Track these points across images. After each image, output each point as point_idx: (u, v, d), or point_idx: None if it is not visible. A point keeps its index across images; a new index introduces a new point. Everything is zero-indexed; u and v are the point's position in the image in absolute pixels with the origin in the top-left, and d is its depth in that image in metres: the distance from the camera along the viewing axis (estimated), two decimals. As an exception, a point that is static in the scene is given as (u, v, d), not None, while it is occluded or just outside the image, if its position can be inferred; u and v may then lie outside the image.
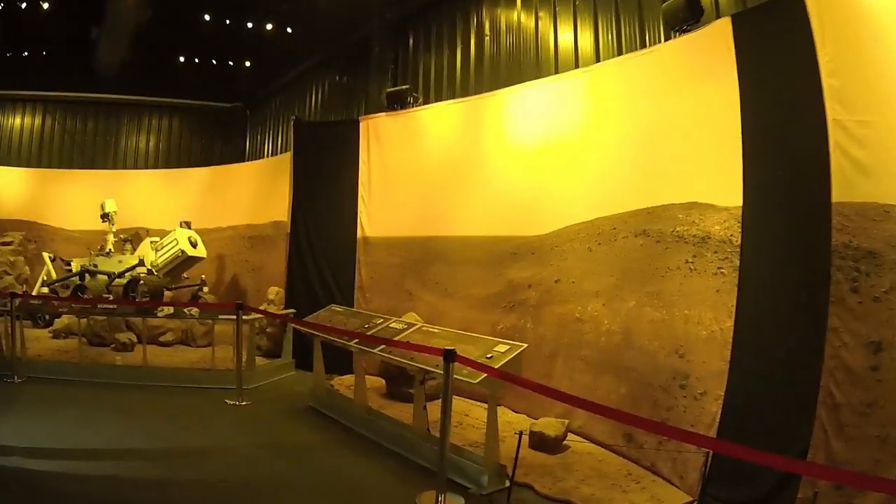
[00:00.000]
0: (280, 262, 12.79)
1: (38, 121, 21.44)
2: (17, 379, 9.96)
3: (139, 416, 8.41)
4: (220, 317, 10.95)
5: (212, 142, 22.97)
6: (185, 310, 11.35)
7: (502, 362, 6.16)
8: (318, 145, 11.70)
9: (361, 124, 11.24)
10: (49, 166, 20.11)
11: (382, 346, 7.69)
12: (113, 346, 11.88)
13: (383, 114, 11.32)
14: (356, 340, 8.00)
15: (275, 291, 11.94)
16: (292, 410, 8.94)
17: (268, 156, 20.09)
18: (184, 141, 22.84)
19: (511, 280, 8.84)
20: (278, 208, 13.24)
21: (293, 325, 10.20)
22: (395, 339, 7.55)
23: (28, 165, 19.79)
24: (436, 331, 7.58)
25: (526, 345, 6.54)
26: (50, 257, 15.28)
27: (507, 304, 8.89)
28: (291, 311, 11.02)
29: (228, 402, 9.10)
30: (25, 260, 16.65)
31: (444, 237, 9.92)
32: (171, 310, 11.43)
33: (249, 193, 15.22)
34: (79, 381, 9.94)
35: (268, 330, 12.05)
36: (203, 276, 13.88)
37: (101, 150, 21.83)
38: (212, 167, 17.67)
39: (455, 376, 5.78)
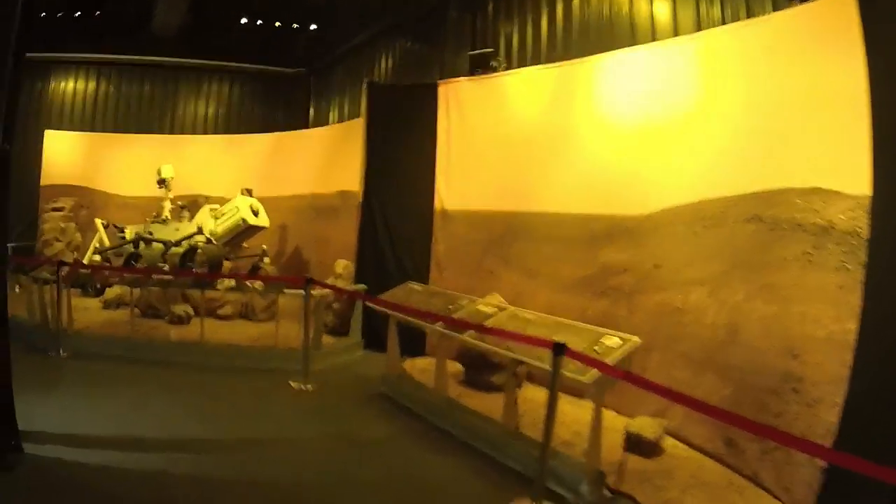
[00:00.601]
0: (347, 234, 12.23)
1: (91, 84, 21.09)
2: (62, 353, 9.51)
3: (193, 399, 7.88)
4: (286, 291, 10.18)
5: (274, 108, 22.28)
6: (248, 283, 10.32)
7: (615, 358, 5.60)
8: (392, 110, 11.02)
9: (440, 89, 10.53)
10: (103, 131, 19.79)
11: (471, 332, 7.04)
12: (168, 318, 11.12)
13: (464, 78, 10.72)
14: (440, 324, 7.37)
15: (343, 265, 11.10)
16: (362, 397, 8.35)
17: (333, 124, 19.29)
18: (244, 107, 22.28)
19: (604, 263, 8.16)
20: (346, 177, 12.81)
21: (367, 302, 9.21)
22: (487, 324, 6.98)
23: (81, 130, 19.52)
24: (530, 317, 7.02)
25: (638, 339, 5.98)
26: (103, 224, 15.03)
27: (598, 288, 8.20)
28: (362, 286, 10.38)
29: (293, 385, 8.56)
30: (77, 227, 16.37)
31: (530, 213, 9.26)
32: (231, 282, 10.53)
33: (315, 161, 14.86)
34: (129, 358, 9.40)
35: (334, 305, 11.26)
36: (264, 247, 13.47)
37: (157, 114, 21.37)
38: (275, 133, 17.18)
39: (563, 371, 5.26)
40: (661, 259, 7.44)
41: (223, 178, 15.79)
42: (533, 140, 9.34)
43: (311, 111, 22.25)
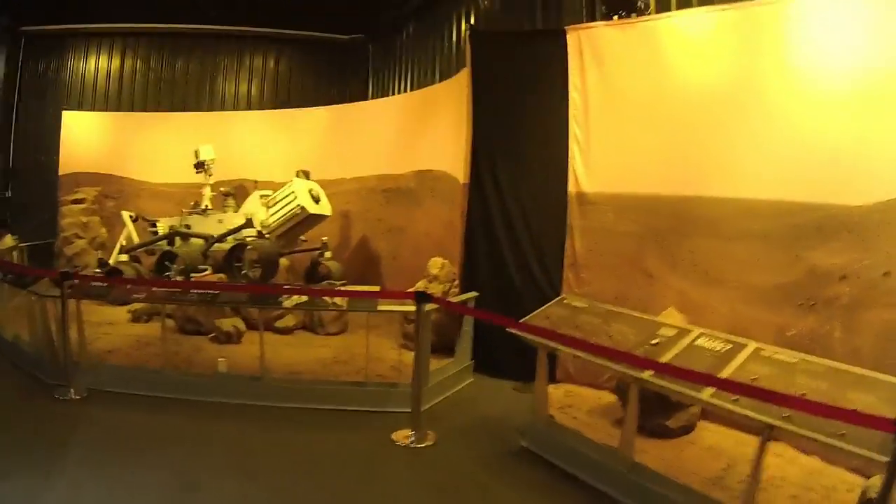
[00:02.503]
0: (427, 223, 11.74)
1: (115, 58, 19.87)
2: (73, 394, 7.68)
3: (264, 473, 5.93)
4: (381, 308, 8.16)
5: (326, 81, 20.87)
6: (328, 299, 8.30)
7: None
8: (505, 65, 9.35)
9: (570, 37, 8.79)
10: (130, 110, 18.90)
11: (710, 391, 5.16)
12: (212, 335, 9.82)
13: (601, 23, 8.95)
14: (650, 372, 5.51)
15: (439, 264, 9.64)
16: (498, 455, 6.49)
17: (396, 94, 18.20)
18: (293, 79, 20.85)
19: (813, 267, 6.77)
20: (425, 154, 12.09)
21: (514, 330, 6.81)
22: (731, 376, 5.27)
23: (105, 109, 18.63)
24: (787, 358, 5.44)
25: None
26: (131, 217, 13.76)
27: (802, 300, 6.80)
28: (472, 294, 8.72)
29: (398, 440, 6.75)
30: (102, 220, 15.46)
31: (706, 198, 7.67)
32: (301, 298, 8.39)
33: (384, 137, 13.74)
34: (165, 401, 7.64)
35: (432, 317, 9.13)
36: (324, 238, 12.68)
37: (193, 89, 20.10)
38: (332, 106, 16.04)
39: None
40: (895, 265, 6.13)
41: (274, 159, 14.81)
42: (704, 104, 7.74)
43: (370, 82, 20.77)
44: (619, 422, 6.72)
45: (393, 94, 18.36)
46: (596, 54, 8.72)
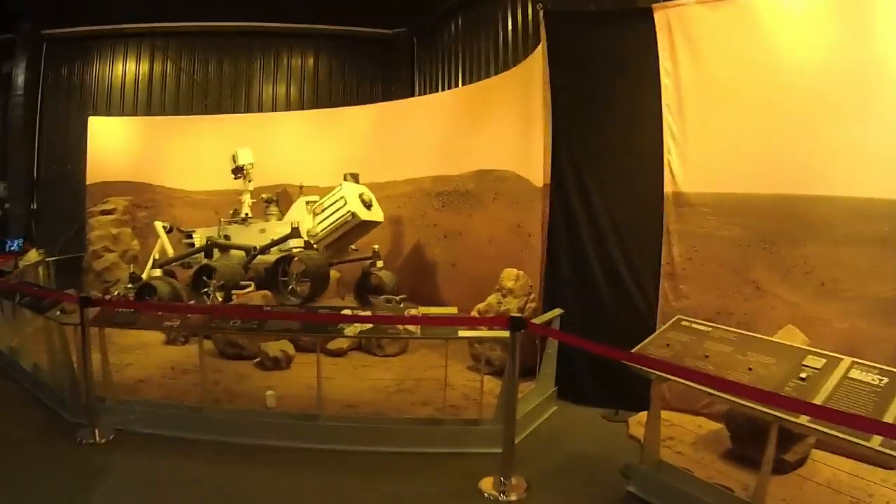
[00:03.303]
0: (489, 227, 11.15)
1: (144, 59, 19.49)
2: (97, 437, 6.63)
3: None
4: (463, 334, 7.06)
5: (368, 78, 20.37)
6: (401, 327, 7.17)
7: None
8: (585, 49, 8.46)
9: (657, 15, 7.93)
10: (161, 113, 18.36)
11: (881, 440, 4.31)
12: (257, 360, 9.07)
13: (692, 0, 7.94)
14: (806, 418, 4.69)
15: (513, 276, 8.93)
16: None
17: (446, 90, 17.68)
18: (333, 77, 20.34)
19: None
20: (485, 152, 11.45)
21: (630, 364, 5.85)
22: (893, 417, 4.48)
23: (134, 113, 18.21)
24: None
25: None
26: (164, 227, 13.25)
27: None
28: (556, 312, 7.64)
29: (485, 490, 5.69)
30: (134, 232, 14.98)
31: (819, 197, 6.93)
32: (364, 326, 7.27)
33: (436, 136, 13.18)
34: (206, 445, 6.57)
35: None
36: (375, 247, 12.15)
37: (228, 90, 19.71)
38: (378, 104, 15.86)
39: None
40: None
41: (318, 161, 14.37)
42: (813, 89, 6.99)
43: (416, 79, 20.13)
44: (729, 455, 6.39)
45: (441, 89, 17.81)
46: (687, 35, 7.92)
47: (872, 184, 6.54)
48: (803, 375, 5.18)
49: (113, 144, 16.19)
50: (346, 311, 6.97)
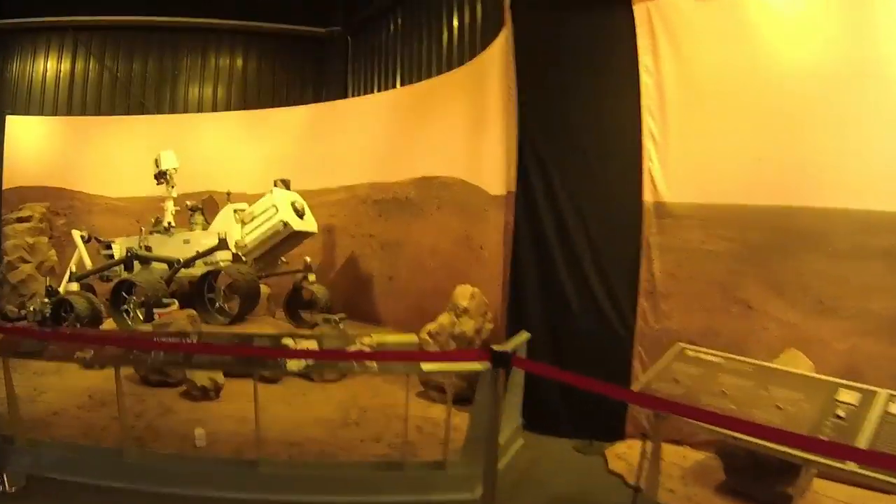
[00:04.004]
0: (432, 237, 10.60)
1: (65, 56, 17.95)
2: (7, 486, 5.44)
3: None
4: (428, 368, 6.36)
5: (300, 79, 19.32)
6: (358, 363, 6.08)
7: None
8: (556, 47, 7.52)
9: (636, 7, 7.17)
10: (82, 113, 17.14)
11: None
12: (184, 389, 7.82)
13: None
14: (854, 464, 3.99)
15: (468, 294, 8.02)
16: None
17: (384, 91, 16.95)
18: (262, 76, 19.21)
19: None
20: (429, 158, 10.85)
21: (657, 411, 4.93)
22: None
23: (53, 113, 16.93)
24: None
25: None
26: (82, 237, 12.07)
27: None
28: (523, 336, 6.48)
29: None
30: (51, 241, 13.83)
31: (815, 209, 6.44)
32: (305, 363, 6.19)
33: (374, 140, 12.60)
34: (127, 492, 5.45)
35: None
36: (307, 259, 11.32)
37: (153, 90, 18.30)
38: (311, 105, 15.21)
39: None
40: None
41: (245, 166, 13.71)
42: (808, 93, 6.44)
43: (349, 80, 19.05)
44: (724, 489, 5.83)
45: (378, 91, 16.91)
46: (670, 31, 7.16)
47: (875, 195, 6.06)
48: (840, 413, 4.55)
49: (31, 146, 15.26)
50: (288, 341, 5.79)
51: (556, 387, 6.57)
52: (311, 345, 6.05)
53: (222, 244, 9.90)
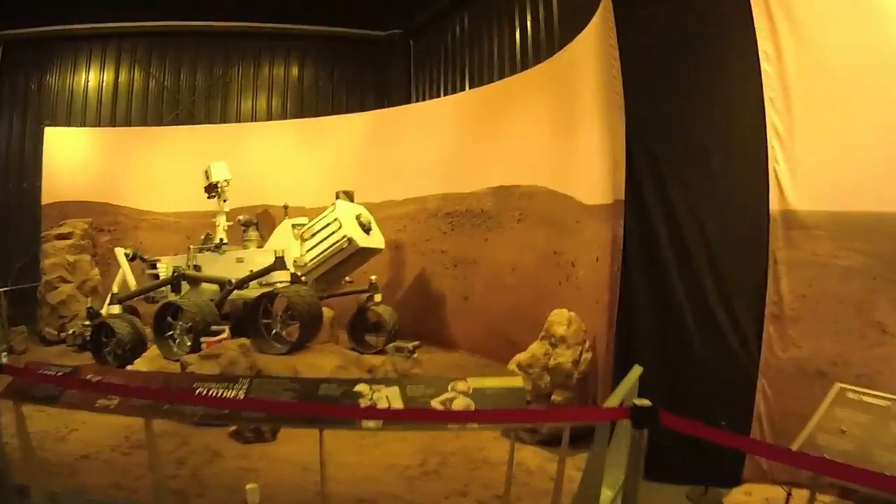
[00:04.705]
0: (511, 253, 10.10)
1: (109, 64, 17.71)
2: None
3: None
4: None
5: (360, 85, 18.84)
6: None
7: None
8: (661, 37, 6.92)
9: None
10: (126, 124, 16.92)
11: None
12: (234, 428, 7.26)
13: None
14: None
15: (565, 319, 7.25)
16: None
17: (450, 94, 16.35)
18: (319, 83, 18.77)
19: None
20: (507, 165, 10.39)
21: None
22: None
23: (96, 125, 16.71)
24: None
25: None
26: (126, 255, 11.82)
27: None
28: (637, 371, 5.77)
29: None
30: (94, 259, 13.63)
31: None
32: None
33: (443, 147, 12.21)
34: None
35: (554, 397, 7.10)
36: (373, 278, 11.02)
37: (203, 98, 18.01)
38: (373, 112, 14.83)
39: None
40: None
41: (303, 178, 13.51)
42: None
43: (412, 85, 18.63)
44: None
45: (445, 94, 16.37)
46: (788, 8, 6.47)
47: None
48: None
49: (72, 159, 15.10)
50: (363, 389, 5.00)
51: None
52: (393, 394, 5.28)
53: (279, 263, 9.44)
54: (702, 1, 6.81)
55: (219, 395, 5.17)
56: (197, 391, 5.16)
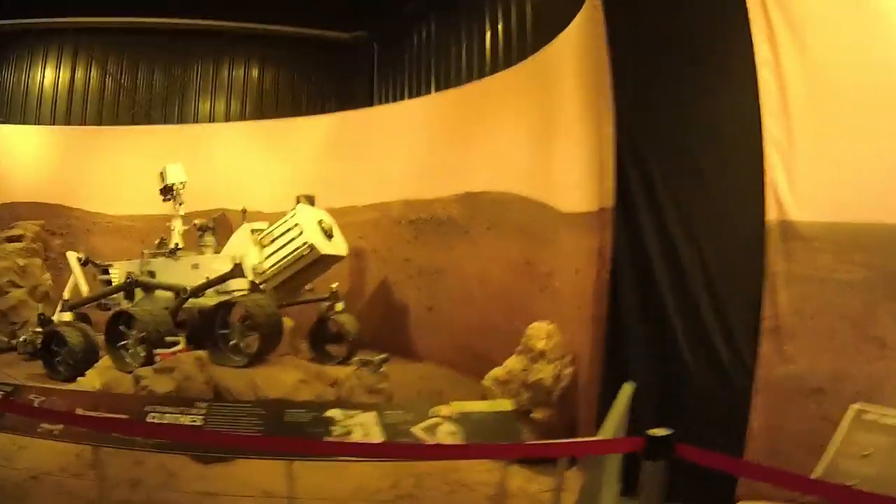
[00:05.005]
0: (480, 263, 9.85)
1: (65, 59, 17.31)
2: None
3: None
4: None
5: (323, 88, 18.51)
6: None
7: None
8: (653, 37, 6.67)
9: None
10: (82, 124, 16.51)
11: None
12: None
13: None
14: None
15: (544, 332, 6.93)
16: None
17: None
18: (281, 86, 18.50)
19: None
20: (478, 170, 10.16)
21: None
22: None
23: (51, 123, 16.32)
24: None
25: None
26: (79, 259, 11.32)
27: None
28: (628, 388, 5.61)
29: None
30: (46, 263, 13.18)
31: None
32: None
33: (408, 151, 11.99)
34: None
35: (534, 415, 6.75)
36: (334, 286, 10.64)
37: (161, 98, 17.63)
38: (335, 114, 14.82)
39: None
40: None
41: (262, 182, 13.31)
42: None
43: (375, 88, 18.27)
44: None
45: (410, 97, 16.07)
46: (788, 12, 6.21)
47: None
48: None
49: (26, 158, 14.81)
50: (335, 414, 4.51)
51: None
52: (369, 421, 4.74)
53: (237, 270, 9.04)
54: (698, 2, 6.52)
55: (175, 420, 4.71)
56: (150, 416, 4.69)
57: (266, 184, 13.07)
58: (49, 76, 17.21)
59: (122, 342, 8.83)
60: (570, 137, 7.25)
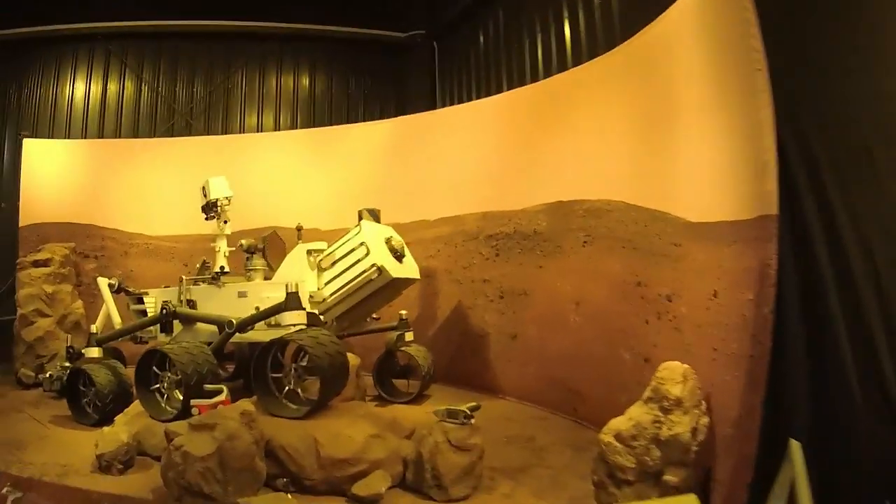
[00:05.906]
0: (574, 283, 9.12)
1: (96, 67, 17.03)
2: None
3: None
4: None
5: (379, 91, 18.29)
6: None
7: None
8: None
9: None
10: (115, 136, 16.31)
11: None
12: None
13: None
14: None
15: (680, 374, 5.74)
16: None
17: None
18: (335, 89, 18.13)
19: None
20: (566, 176, 9.53)
21: None
22: None
23: (82, 136, 16.12)
24: None
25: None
26: (110, 285, 10.57)
27: None
28: (797, 448, 4.88)
29: None
30: (78, 289, 12.77)
31: None
32: None
33: (485, 156, 11.31)
34: None
35: (667, 477, 5.59)
36: (403, 313, 10.02)
37: (203, 107, 17.40)
38: (395, 119, 14.18)
39: None
40: None
41: (318, 196, 12.88)
42: None
43: (438, 90, 17.82)
44: None
45: (478, 97, 15.46)
46: None
47: None
48: None
49: (54, 175, 14.22)
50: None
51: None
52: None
53: (292, 300, 8.03)
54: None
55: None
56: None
57: (322, 197, 12.66)
58: (79, 86, 16.96)
59: (156, 384, 8.07)
60: (693, 130, 6.31)
